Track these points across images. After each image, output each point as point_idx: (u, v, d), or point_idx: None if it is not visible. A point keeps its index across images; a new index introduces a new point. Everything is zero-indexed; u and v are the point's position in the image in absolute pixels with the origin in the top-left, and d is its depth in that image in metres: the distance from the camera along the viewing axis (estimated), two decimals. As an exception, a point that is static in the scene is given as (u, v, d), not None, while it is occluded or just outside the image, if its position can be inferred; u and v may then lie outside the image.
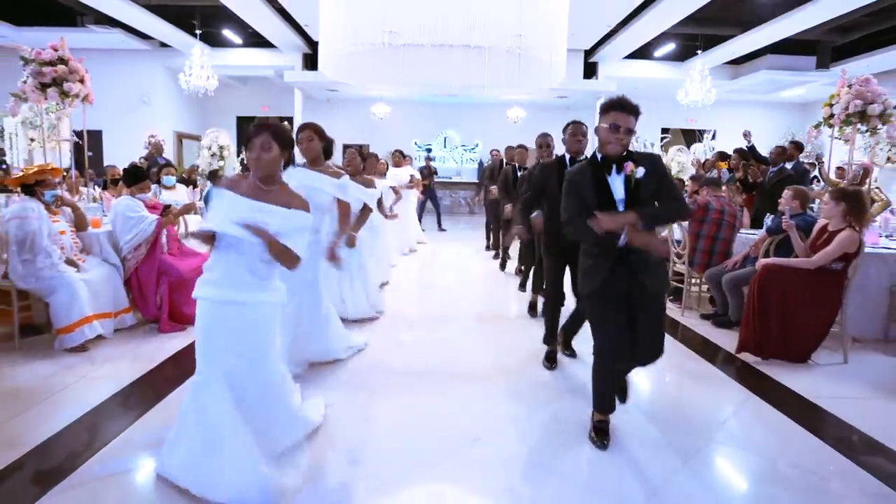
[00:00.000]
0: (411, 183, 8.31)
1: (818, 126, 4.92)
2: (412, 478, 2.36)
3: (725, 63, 12.51)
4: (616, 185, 2.54)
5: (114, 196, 5.17)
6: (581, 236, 2.63)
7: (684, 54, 12.48)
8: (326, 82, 11.96)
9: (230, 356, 2.27)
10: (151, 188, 4.63)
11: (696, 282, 5.06)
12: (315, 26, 10.53)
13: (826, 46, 11.60)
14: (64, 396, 3.07)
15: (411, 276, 6.65)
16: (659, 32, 10.77)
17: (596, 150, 2.60)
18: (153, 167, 6.45)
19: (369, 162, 5.97)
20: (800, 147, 5.52)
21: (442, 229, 11.09)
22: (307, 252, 3.14)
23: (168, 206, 4.26)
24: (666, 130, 14.50)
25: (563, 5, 7.45)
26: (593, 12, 9.89)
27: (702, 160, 7.66)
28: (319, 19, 7.86)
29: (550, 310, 3.79)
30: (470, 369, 3.64)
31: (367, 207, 4.45)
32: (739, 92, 13.59)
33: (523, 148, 6.63)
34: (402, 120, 15.49)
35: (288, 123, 9.71)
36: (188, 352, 3.56)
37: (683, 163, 7.33)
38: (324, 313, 3.65)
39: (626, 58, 12.42)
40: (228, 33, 12.18)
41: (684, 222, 4.83)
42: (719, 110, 13.38)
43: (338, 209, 3.61)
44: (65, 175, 4.04)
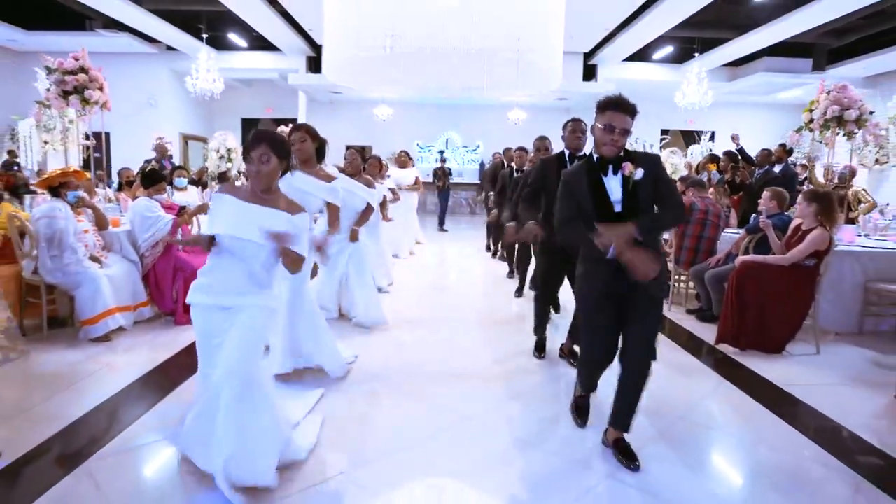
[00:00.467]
0: (415, 184, 8.39)
1: (799, 130, 5.20)
2: (413, 474, 2.44)
3: (723, 65, 12.79)
4: (612, 186, 2.47)
5: (129, 197, 5.50)
6: (573, 242, 2.62)
7: (682, 56, 12.76)
8: (329, 85, 12.26)
9: (224, 355, 2.29)
10: (164, 191, 4.95)
11: (683, 279, 5.35)
12: (319, 30, 10.87)
13: (822, 49, 11.87)
14: (90, 382, 3.37)
15: (412, 277, 6.75)
16: (656, 36, 11.05)
17: (593, 149, 2.56)
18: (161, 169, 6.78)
19: (371, 164, 6.07)
20: (788, 150, 5.80)
21: (443, 229, 11.38)
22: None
23: (183, 207, 4.58)
24: (665, 132, 14.76)
25: (559, 12, 7.76)
26: (592, 16, 10.16)
27: (694, 163, 7.95)
28: (324, 24, 8.20)
29: (540, 302, 3.90)
30: (469, 369, 3.70)
31: (369, 206, 4.64)
32: (737, 94, 13.87)
33: (522, 150, 6.61)
34: (404, 121, 15.81)
35: (291, 125, 9.99)
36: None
37: (676, 164, 7.62)
38: (314, 320, 3.63)
39: (625, 60, 12.72)
40: (234, 37, 12.53)
41: (672, 222, 5.11)
42: (718, 112, 13.67)
43: (328, 211, 3.68)
44: (89, 178, 4.33)
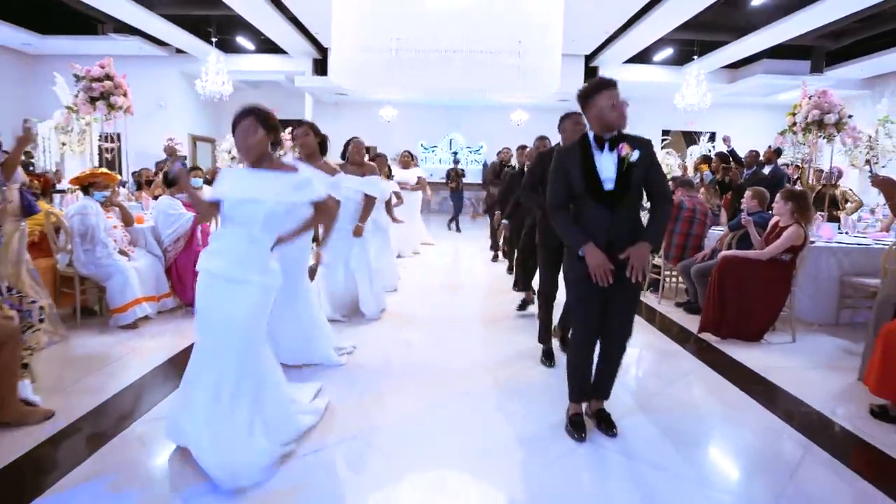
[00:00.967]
0: (418, 184, 8.60)
1: (783, 133, 5.54)
2: (416, 465, 2.55)
3: (723, 67, 13.10)
4: (604, 164, 2.60)
5: (149, 195, 5.89)
6: (558, 229, 2.75)
7: (682, 59, 13.09)
8: (335, 86, 12.61)
9: (223, 331, 2.39)
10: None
11: (673, 274, 5.70)
12: (325, 34, 11.27)
13: (820, 51, 12.16)
14: (121, 363, 3.74)
15: (417, 277, 6.89)
16: (656, 38, 11.38)
17: (587, 129, 2.72)
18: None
19: (379, 161, 6.12)
20: (776, 151, 6.14)
21: (458, 230, 11.68)
22: (298, 253, 3.47)
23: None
24: (667, 133, 15.09)
25: (558, 19, 8.14)
26: (592, 20, 10.51)
27: (691, 164, 8.29)
28: (331, 28, 8.58)
29: (544, 308, 3.94)
30: (471, 367, 3.80)
31: (369, 198, 4.67)
32: (737, 95, 14.18)
33: (523, 148, 6.79)
34: (408, 122, 16.20)
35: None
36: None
37: (671, 165, 7.96)
38: (314, 314, 3.75)
39: (626, 62, 13.04)
40: (242, 40, 12.94)
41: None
42: (718, 113, 14.00)
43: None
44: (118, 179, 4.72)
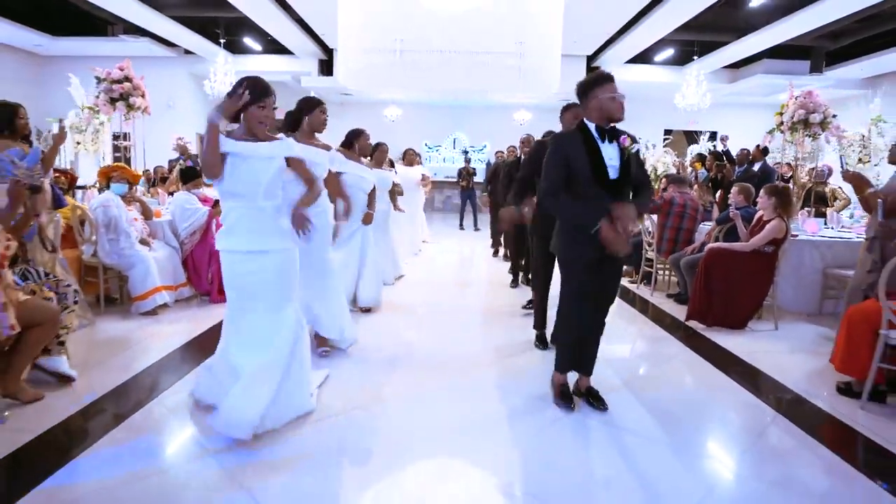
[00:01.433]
0: (423, 182, 8.79)
1: (772, 132, 5.82)
2: (420, 453, 2.65)
3: (724, 67, 13.36)
4: (608, 153, 2.76)
5: (164, 191, 6.23)
6: (562, 214, 2.86)
7: (683, 59, 13.36)
8: (340, 87, 12.90)
9: (255, 302, 2.74)
10: (203, 184, 5.68)
11: (665, 267, 5.98)
12: (331, 35, 11.62)
13: (819, 51, 12.40)
14: (142, 347, 4.05)
15: (418, 273, 7.07)
16: (657, 39, 11.64)
17: (584, 119, 2.83)
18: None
19: (381, 150, 6.01)
20: (765, 151, 6.43)
21: (475, 228, 11.95)
22: (318, 224, 3.42)
23: (217, 200, 5.29)
24: (668, 132, 15.35)
25: (558, 22, 8.44)
26: (593, 21, 10.79)
27: (688, 163, 8.59)
28: (337, 30, 8.90)
29: (539, 296, 4.14)
30: (472, 358, 3.93)
31: (373, 189, 4.81)
32: (738, 94, 14.43)
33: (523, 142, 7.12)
34: (412, 122, 16.54)
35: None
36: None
37: (667, 163, 8.25)
38: (332, 284, 3.82)
39: (628, 62, 13.32)
40: (249, 41, 13.29)
41: (654, 216, 5.77)
42: (720, 112, 14.27)
43: (328, 183, 3.78)
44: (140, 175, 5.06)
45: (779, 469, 2.57)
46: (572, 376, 3.22)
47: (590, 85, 2.78)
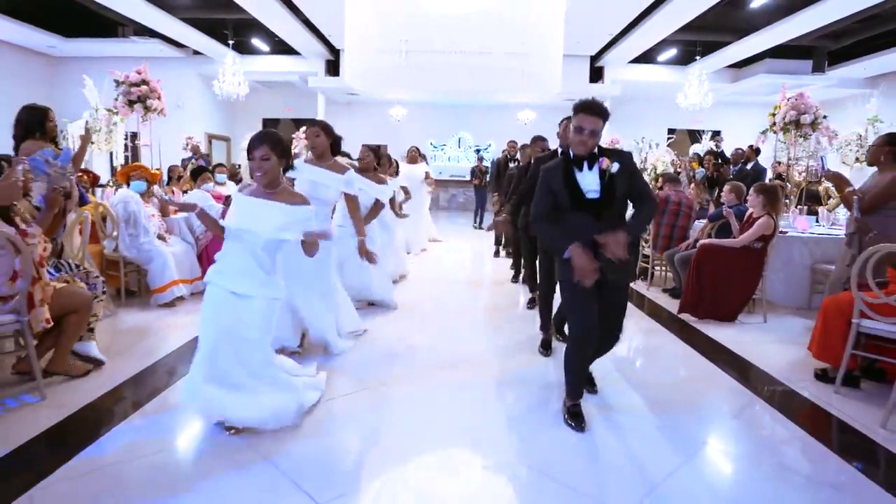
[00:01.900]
0: (427, 180, 8.92)
1: (765, 132, 6.05)
2: (423, 448, 2.72)
3: (726, 67, 13.57)
4: (586, 180, 2.74)
5: (179, 189, 6.54)
6: (543, 239, 2.98)
7: (686, 59, 13.57)
8: (347, 87, 13.17)
9: (227, 338, 2.65)
10: (212, 181, 5.99)
11: (662, 263, 6.23)
12: (337, 36, 11.91)
13: (821, 51, 12.59)
14: (160, 336, 4.33)
15: (423, 272, 7.14)
16: (659, 39, 11.85)
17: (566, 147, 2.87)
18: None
19: (383, 162, 6.36)
20: (757, 151, 6.67)
21: (481, 227, 12.11)
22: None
23: (229, 197, 5.57)
24: (672, 131, 15.57)
25: (559, 24, 8.67)
26: (596, 21, 11.02)
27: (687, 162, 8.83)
28: (343, 32, 9.17)
29: (543, 300, 4.18)
30: (475, 356, 4.02)
31: (378, 202, 4.93)
32: (741, 94, 14.63)
33: (524, 147, 7.30)
34: (417, 121, 16.82)
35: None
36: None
37: (666, 162, 8.48)
38: (333, 299, 3.91)
39: (631, 62, 13.55)
40: (257, 42, 13.60)
41: (650, 212, 6.00)
42: (723, 111, 14.48)
43: (346, 202, 3.99)
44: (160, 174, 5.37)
45: (754, 446, 2.83)
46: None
47: (573, 110, 2.75)
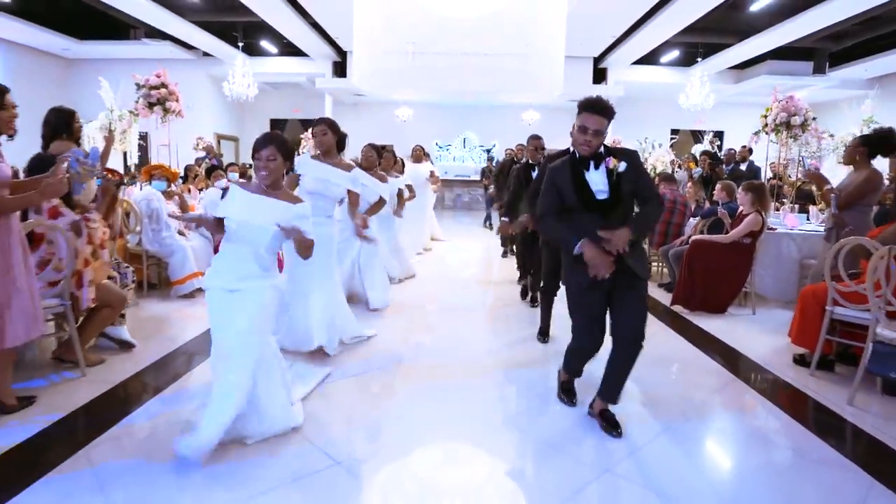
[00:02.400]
0: (432, 178, 9.10)
1: (757, 133, 6.34)
2: (425, 442, 2.82)
3: (729, 68, 13.83)
4: (594, 180, 2.72)
5: (194, 188, 6.89)
6: (551, 235, 2.88)
7: (688, 60, 13.85)
8: (354, 88, 13.52)
9: (233, 333, 2.60)
10: (224, 178, 6.33)
11: (658, 259, 6.53)
12: (345, 38, 12.26)
13: (822, 53, 12.83)
14: (181, 326, 4.65)
15: (426, 271, 7.26)
16: (661, 41, 12.14)
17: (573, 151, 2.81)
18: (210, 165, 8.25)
19: (385, 159, 6.32)
20: (750, 150, 6.96)
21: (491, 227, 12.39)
22: (324, 233, 3.66)
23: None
24: (675, 131, 15.83)
25: (561, 28, 8.99)
26: (599, 23, 11.32)
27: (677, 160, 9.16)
28: (352, 34, 9.53)
29: (546, 298, 4.26)
30: (477, 355, 4.08)
31: (380, 199, 4.97)
32: (743, 95, 14.89)
33: (521, 146, 7.58)
34: (423, 122, 17.16)
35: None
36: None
37: (665, 161, 8.75)
38: (338, 297, 3.99)
39: (634, 63, 13.83)
40: (266, 44, 13.96)
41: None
42: (726, 112, 14.74)
43: (349, 198, 4.09)
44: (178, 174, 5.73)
45: (733, 421, 3.16)
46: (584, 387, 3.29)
47: (578, 108, 2.72)
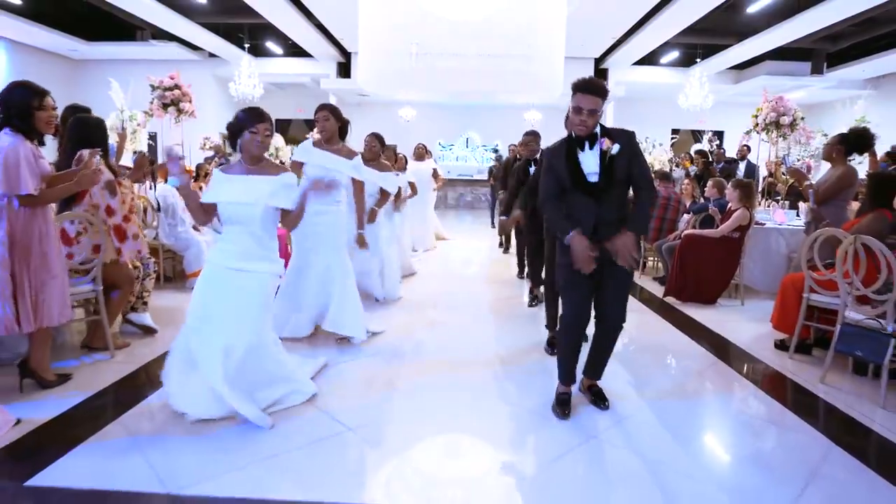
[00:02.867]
0: (436, 179, 9.27)
1: (749, 132, 6.62)
2: (428, 437, 2.85)
3: (728, 68, 14.12)
4: (587, 161, 2.77)
5: (205, 185, 7.19)
6: (551, 218, 2.94)
7: (688, 61, 14.14)
8: (358, 88, 13.83)
9: (227, 315, 2.71)
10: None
11: (653, 254, 6.82)
12: (349, 39, 12.58)
13: (820, 53, 13.11)
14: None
15: (429, 270, 7.34)
16: (661, 42, 12.44)
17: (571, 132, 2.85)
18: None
19: (387, 153, 6.18)
20: (747, 149, 7.25)
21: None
22: (333, 222, 3.88)
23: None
24: (676, 131, 16.11)
25: (561, 30, 9.30)
26: (599, 25, 11.62)
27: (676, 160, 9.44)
28: (357, 36, 9.85)
29: (551, 297, 4.19)
30: (478, 354, 4.09)
31: (384, 192, 5.04)
32: (742, 95, 15.16)
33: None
34: (426, 122, 17.48)
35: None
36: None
37: (662, 160, 9.03)
38: (348, 283, 4.01)
39: (634, 64, 14.13)
40: (271, 45, 14.30)
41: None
42: (725, 111, 15.01)
43: (353, 187, 4.11)
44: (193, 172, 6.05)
45: (713, 397, 3.45)
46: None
47: (572, 90, 2.74)
